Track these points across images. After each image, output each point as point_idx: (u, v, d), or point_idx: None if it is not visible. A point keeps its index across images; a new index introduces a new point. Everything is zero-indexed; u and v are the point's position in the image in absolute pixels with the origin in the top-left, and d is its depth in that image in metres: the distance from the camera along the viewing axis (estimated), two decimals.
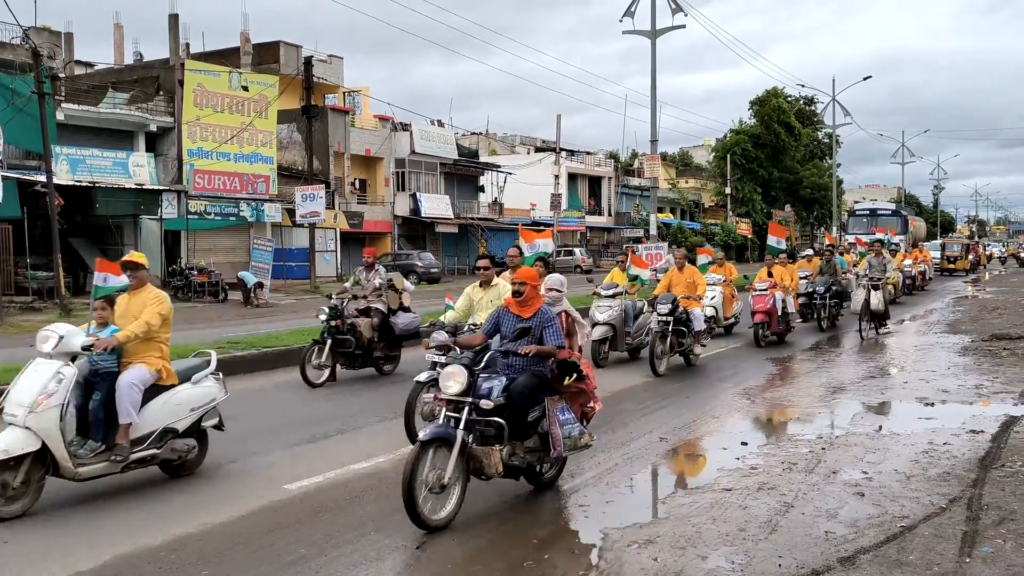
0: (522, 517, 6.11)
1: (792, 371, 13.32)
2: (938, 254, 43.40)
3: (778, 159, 73.98)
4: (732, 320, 17.67)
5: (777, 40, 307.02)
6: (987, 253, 63.47)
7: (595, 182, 65.84)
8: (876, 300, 16.96)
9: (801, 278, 18.99)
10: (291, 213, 34.12)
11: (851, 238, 41.89)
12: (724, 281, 17.23)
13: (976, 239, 78.42)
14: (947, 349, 15.38)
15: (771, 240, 20.99)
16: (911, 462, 7.47)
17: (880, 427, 8.89)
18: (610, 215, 66.17)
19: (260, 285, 27.03)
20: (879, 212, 46.41)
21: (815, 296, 18.62)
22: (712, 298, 16.15)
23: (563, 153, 54.70)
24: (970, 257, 48.17)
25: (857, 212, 48.68)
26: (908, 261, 28.81)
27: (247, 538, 5.72)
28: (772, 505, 6.25)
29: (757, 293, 16.04)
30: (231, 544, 5.62)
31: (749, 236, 70.05)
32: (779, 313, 15.96)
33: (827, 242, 27.52)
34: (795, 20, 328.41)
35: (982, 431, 8.58)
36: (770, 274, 16.50)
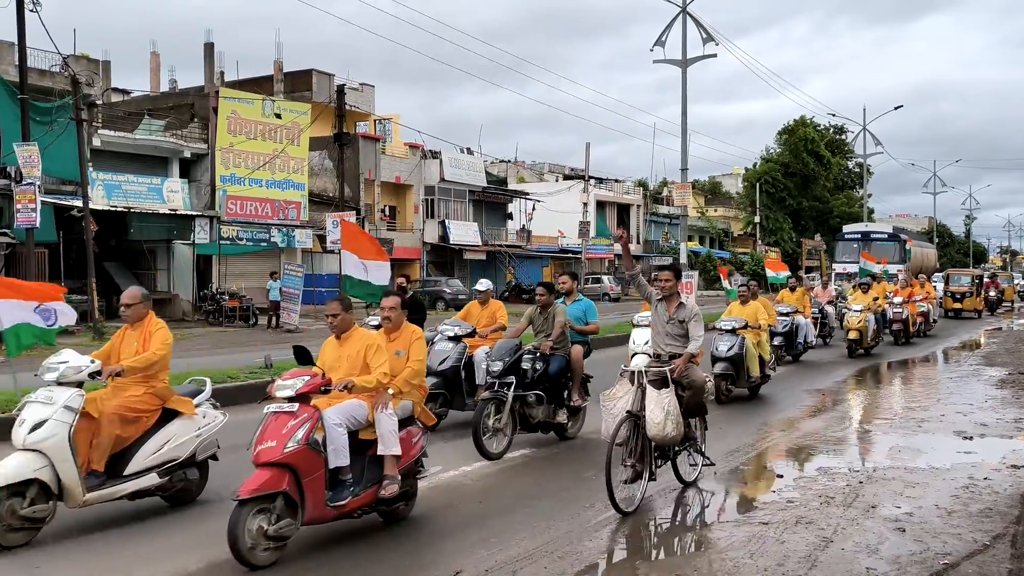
0: (557, 547, 6.04)
1: (826, 403, 13.14)
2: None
3: (807, 188, 73.73)
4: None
5: (813, 71, 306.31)
6: (1013, 287, 48.76)
7: (623, 210, 65.81)
8: (656, 420, 6.98)
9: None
10: (322, 239, 34.33)
11: (839, 267, 35.71)
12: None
13: (997, 270, 63.74)
14: (984, 382, 15.13)
15: (356, 271, 13.09)
16: (952, 497, 7.34)
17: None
18: (639, 243, 66.05)
19: (277, 305, 27.30)
20: (872, 236, 37.63)
21: (493, 379, 8.93)
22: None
23: (591, 181, 54.76)
24: (992, 293, 38.08)
25: (846, 236, 39.39)
26: (898, 299, 21.66)
27: (279, 564, 5.65)
28: (811, 540, 6.14)
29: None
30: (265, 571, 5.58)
31: None
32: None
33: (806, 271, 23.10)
34: (831, 51, 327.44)
35: (1023, 466, 8.41)
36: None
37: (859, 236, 37.40)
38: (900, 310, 21.52)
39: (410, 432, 6.49)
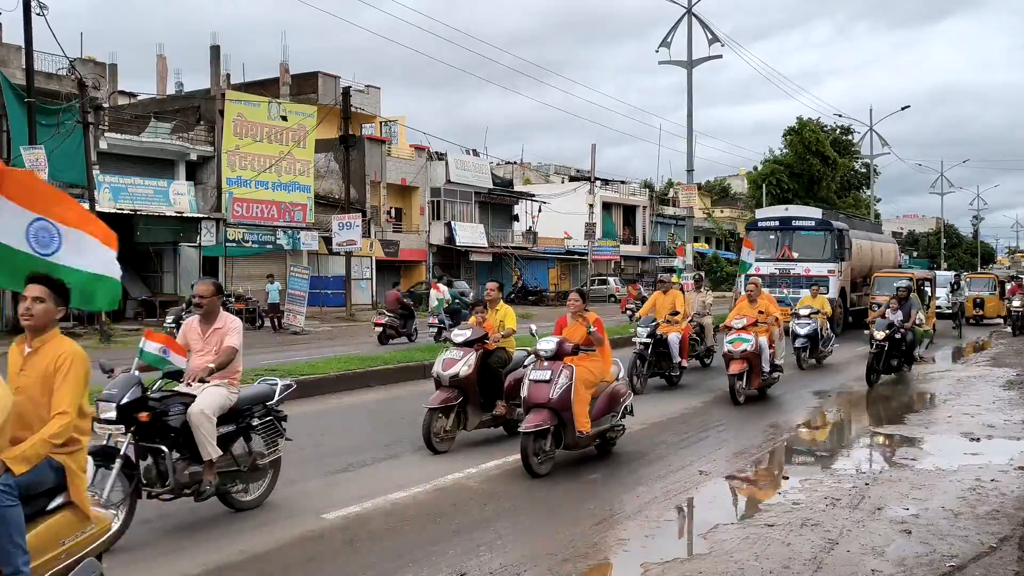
0: (561, 549, 6.03)
1: (831, 404, 13.11)
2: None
3: (813, 189, 73.49)
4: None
5: (832, 73, 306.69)
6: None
7: (630, 211, 65.77)
8: None
9: None
10: (328, 241, 34.41)
11: (752, 268, 23.03)
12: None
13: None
14: (991, 383, 15.08)
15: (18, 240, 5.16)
16: (958, 499, 7.31)
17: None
18: (645, 244, 65.99)
19: (276, 308, 27.30)
20: (795, 224, 25.98)
21: None
22: None
23: (597, 182, 54.72)
24: (1016, 303, 26.49)
25: (760, 224, 26.93)
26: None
27: (284, 568, 5.69)
28: (816, 542, 6.13)
29: None
30: (268, 574, 5.60)
31: None
32: None
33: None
34: (850, 54, 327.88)
35: None
36: None
37: (777, 224, 26.30)
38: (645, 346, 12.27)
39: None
